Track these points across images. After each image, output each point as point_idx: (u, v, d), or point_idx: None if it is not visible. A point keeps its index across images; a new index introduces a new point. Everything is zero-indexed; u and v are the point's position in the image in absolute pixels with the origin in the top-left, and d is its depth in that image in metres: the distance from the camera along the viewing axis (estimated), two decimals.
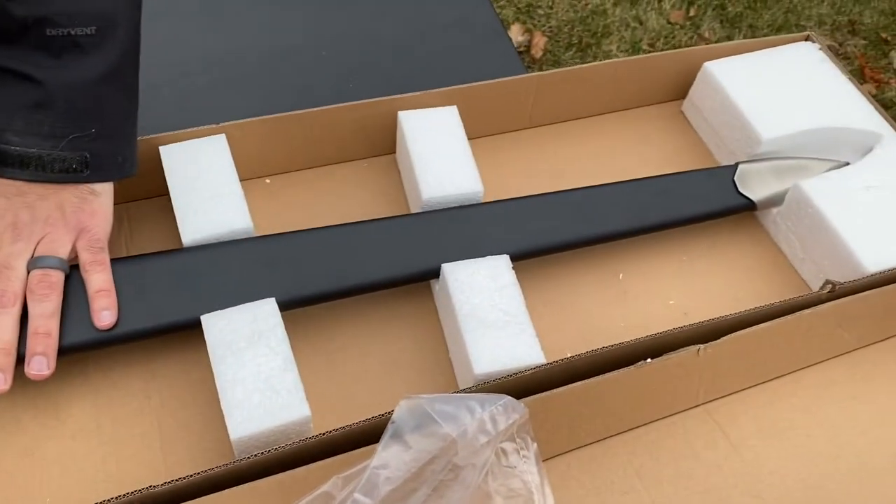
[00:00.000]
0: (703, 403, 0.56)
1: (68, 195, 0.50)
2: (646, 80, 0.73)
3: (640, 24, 2.01)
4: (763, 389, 0.57)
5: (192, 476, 0.44)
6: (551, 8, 2.06)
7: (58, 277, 0.50)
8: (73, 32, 0.47)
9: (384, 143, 0.68)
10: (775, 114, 0.66)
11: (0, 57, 0.47)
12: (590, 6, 2.06)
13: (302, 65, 0.79)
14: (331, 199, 0.65)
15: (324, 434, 0.47)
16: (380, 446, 0.41)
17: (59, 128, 0.48)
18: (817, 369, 0.58)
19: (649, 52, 1.97)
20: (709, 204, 0.63)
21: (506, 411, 0.44)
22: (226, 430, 0.48)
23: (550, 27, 2.00)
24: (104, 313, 0.50)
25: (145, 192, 0.63)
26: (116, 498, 0.43)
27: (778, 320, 0.53)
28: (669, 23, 2.02)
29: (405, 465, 0.42)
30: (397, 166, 0.68)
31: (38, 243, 0.50)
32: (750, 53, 0.72)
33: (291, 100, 0.74)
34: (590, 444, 0.53)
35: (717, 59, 0.71)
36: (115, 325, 0.50)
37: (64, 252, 0.50)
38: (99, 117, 0.50)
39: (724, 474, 0.53)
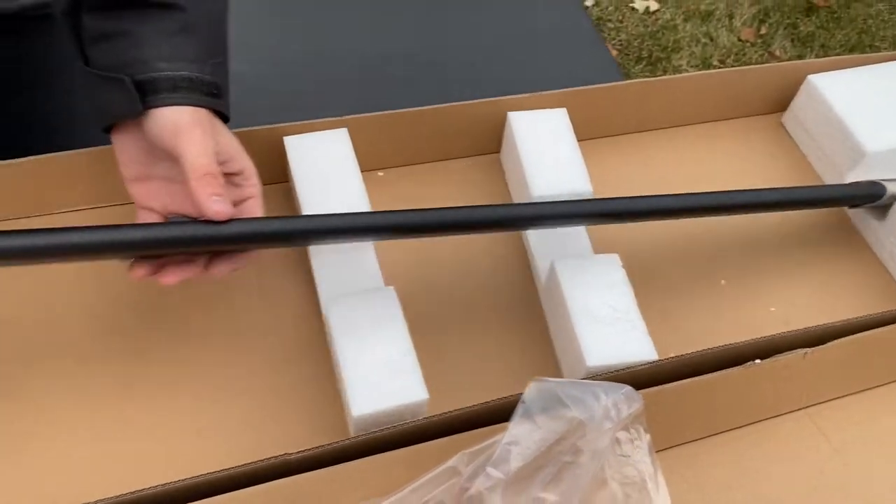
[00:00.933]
0: (805, 407, 0.56)
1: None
2: (748, 91, 0.74)
3: (711, 40, 2.01)
4: (866, 397, 0.57)
5: (324, 446, 0.46)
6: (621, 22, 2.06)
7: None
8: None
9: (489, 143, 0.70)
10: (880, 127, 0.66)
11: None
12: (660, 21, 2.06)
13: (405, 66, 0.81)
14: (440, 193, 0.67)
15: (444, 414, 0.48)
16: (511, 423, 0.43)
17: (202, 52, 0.49)
18: None
19: (719, 68, 1.97)
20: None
21: (627, 400, 0.45)
22: (340, 408, 0.50)
23: (620, 41, 2.01)
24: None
25: (266, 179, 0.66)
26: (253, 462, 0.45)
27: (884, 328, 0.54)
28: (740, 40, 2.01)
29: (534, 444, 0.43)
30: (501, 165, 0.70)
31: None
32: (854, 68, 0.72)
33: (396, 99, 0.76)
34: (694, 440, 0.54)
35: (820, 72, 0.71)
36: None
37: None
38: (224, 49, 0.51)
39: (826, 477, 0.53)
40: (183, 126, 0.47)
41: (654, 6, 2.05)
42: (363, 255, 0.58)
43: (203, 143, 0.47)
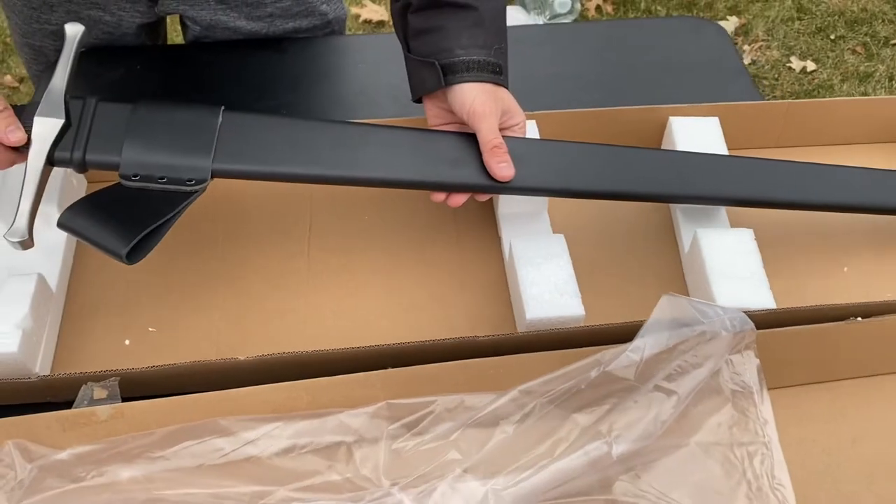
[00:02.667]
0: None
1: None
2: (888, 119, 0.81)
3: None
4: None
5: (503, 335, 0.59)
6: (777, 80, 2.10)
7: None
8: None
9: (649, 142, 0.81)
10: None
11: None
12: (816, 81, 2.08)
13: (581, 87, 0.93)
14: None
15: (595, 326, 0.60)
16: (646, 324, 0.54)
17: (489, 40, 0.64)
18: None
19: None
20: None
21: (740, 321, 0.55)
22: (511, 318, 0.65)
23: (775, 96, 2.05)
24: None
25: None
26: (454, 338, 0.59)
27: None
28: None
29: (664, 342, 0.54)
30: None
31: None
32: None
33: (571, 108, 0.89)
34: (796, 385, 0.62)
35: None
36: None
37: None
38: (504, 37, 0.66)
39: None
40: (474, 103, 0.63)
41: (811, 66, 2.08)
42: (538, 209, 0.72)
43: (490, 123, 0.63)
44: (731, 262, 0.65)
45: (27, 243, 0.58)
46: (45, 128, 0.59)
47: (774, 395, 0.61)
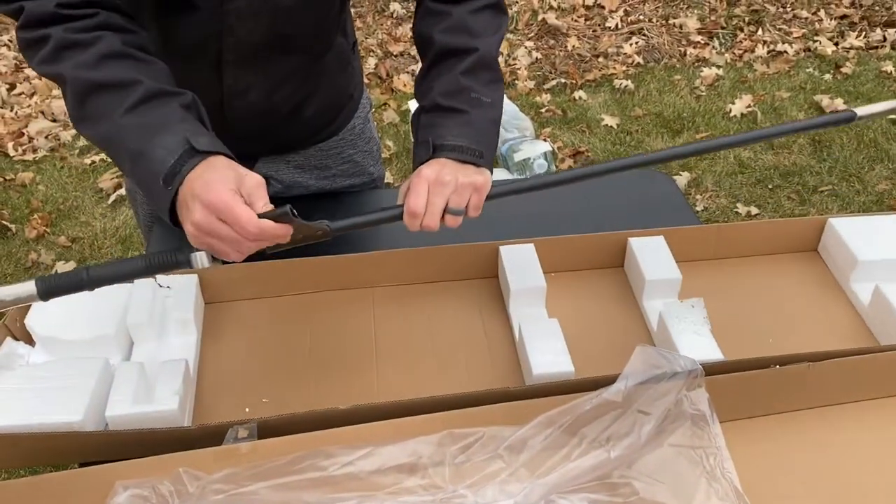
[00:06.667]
0: (815, 407, 0.85)
1: (470, 171, 0.82)
2: (792, 234, 1.08)
3: None
4: (866, 405, 0.86)
5: (523, 386, 0.81)
6: (726, 222, 2.41)
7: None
8: (483, 98, 0.86)
9: (614, 260, 1.07)
10: (869, 247, 1.00)
11: (449, 101, 0.85)
12: None
13: (563, 222, 1.19)
14: (588, 288, 1.04)
15: (583, 378, 0.82)
16: (627, 366, 0.77)
17: (476, 135, 0.83)
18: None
19: None
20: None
21: (692, 363, 0.78)
22: (518, 371, 0.86)
23: None
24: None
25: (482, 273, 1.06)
26: (490, 389, 0.81)
27: (873, 355, 0.84)
28: None
29: (640, 377, 0.76)
30: (624, 275, 1.06)
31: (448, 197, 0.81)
32: (861, 216, 1.06)
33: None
34: (734, 420, 0.84)
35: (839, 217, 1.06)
36: None
37: (464, 204, 0.82)
38: (488, 138, 0.85)
39: (824, 446, 0.82)
40: (421, 168, 0.81)
41: (754, 210, 2.41)
42: (537, 301, 0.97)
43: (417, 191, 0.79)
44: (688, 326, 0.90)
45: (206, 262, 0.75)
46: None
47: (726, 426, 0.83)
